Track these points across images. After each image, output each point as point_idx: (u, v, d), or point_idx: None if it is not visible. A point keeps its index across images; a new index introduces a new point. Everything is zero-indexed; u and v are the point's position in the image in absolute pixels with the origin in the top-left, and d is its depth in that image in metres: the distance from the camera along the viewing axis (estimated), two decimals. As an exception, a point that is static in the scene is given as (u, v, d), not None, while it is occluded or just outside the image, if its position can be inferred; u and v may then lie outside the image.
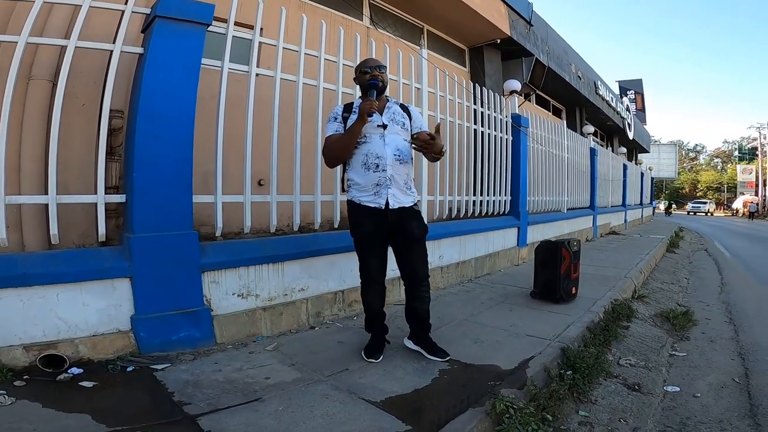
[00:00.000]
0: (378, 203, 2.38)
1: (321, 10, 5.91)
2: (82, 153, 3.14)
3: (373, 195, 2.38)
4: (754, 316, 4.30)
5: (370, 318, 2.60)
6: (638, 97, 26.83)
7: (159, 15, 2.51)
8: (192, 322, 2.59)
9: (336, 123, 2.45)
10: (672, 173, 45.09)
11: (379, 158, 2.36)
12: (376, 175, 2.36)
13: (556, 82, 11.24)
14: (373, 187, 2.37)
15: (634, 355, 3.01)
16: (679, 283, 5.99)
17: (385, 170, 2.36)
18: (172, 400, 1.98)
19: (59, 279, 2.27)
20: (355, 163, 2.41)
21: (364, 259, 2.51)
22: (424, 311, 2.55)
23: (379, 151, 2.37)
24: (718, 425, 2.19)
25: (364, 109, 2.27)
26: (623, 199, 12.99)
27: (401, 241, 2.48)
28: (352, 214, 2.48)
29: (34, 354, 2.17)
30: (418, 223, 2.50)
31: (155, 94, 2.50)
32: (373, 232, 2.42)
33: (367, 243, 2.47)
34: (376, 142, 2.38)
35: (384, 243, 2.49)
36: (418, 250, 2.51)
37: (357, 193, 2.43)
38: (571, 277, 3.86)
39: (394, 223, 2.41)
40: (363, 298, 2.59)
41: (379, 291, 2.56)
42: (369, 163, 2.37)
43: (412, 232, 2.45)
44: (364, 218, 2.41)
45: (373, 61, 2.55)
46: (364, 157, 2.38)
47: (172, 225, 2.55)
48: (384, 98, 2.52)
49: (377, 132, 2.40)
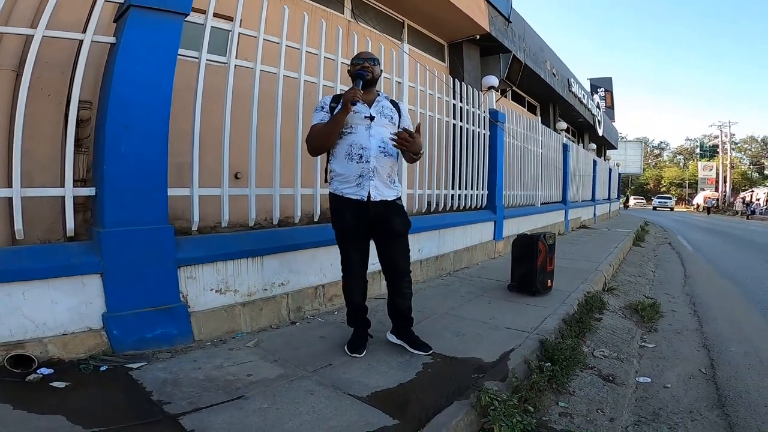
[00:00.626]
0: (360, 195, 2.35)
1: (303, 3, 5.80)
2: (48, 145, 2.99)
3: (356, 186, 2.35)
4: (716, 308, 4.51)
5: (352, 312, 2.59)
6: (608, 95, 27.60)
7: (133, 4, 2.40)
8: (168, 319, 2.52)
9: (322, 112, 2.42)
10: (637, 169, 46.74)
11: (363, 149, 2.33)
12: (359, 167, 2.33)
13: (531, 79, 11.43)
14: (356, 179, 2.34)
15: (607, 347, 3.11)
16: (645, 275, 6.22)
17: (368, 161, 2.33)
18: (151, 399, 1.92)
19: (25, 276, 2.16)
20: (339, 154, 2.38)
21: (345, 252, 2.49)
22: (406, 306, 2.56)
23: (363, 142, 2.34)
24: (689, 415, 2.28)
25: (347, 98, 2.25)
26: (593, 194, 13.40)
27: (383, 235, 2.46)
28: (333, 206, 2.45)
29: (1, 354, 2.07)
30: (401, 218, 2.48)
31: (128, 85, 2.39)
32: (355, 225, 2.40)
33: (348, 236, 2.45)
34: (362, 134, 2.35)
35: (365, 236, 2.47)
36: (400, 245, 2.50)
37: (339, 184, 2.40)
38: (546, 270, 3.95)
39: (376, 217, 2.39)
40: (345, 291, 2.58)
41: (361, 284, 2.55)
42: (353, 154, 2.33)
43: (394, 226, 2.44)
44: (346, 210, 2.39)
45: (367, 54, 2.54)
46: (348, 147, 2.35)
47: (145, 219, 2.46)
48: (374, 92, 2.51)
49: (363, 123, 2.37)
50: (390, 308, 2.60)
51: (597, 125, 19.69)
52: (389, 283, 2.55)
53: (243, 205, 3.05)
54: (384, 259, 2.52)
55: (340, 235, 2.49)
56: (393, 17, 7.71)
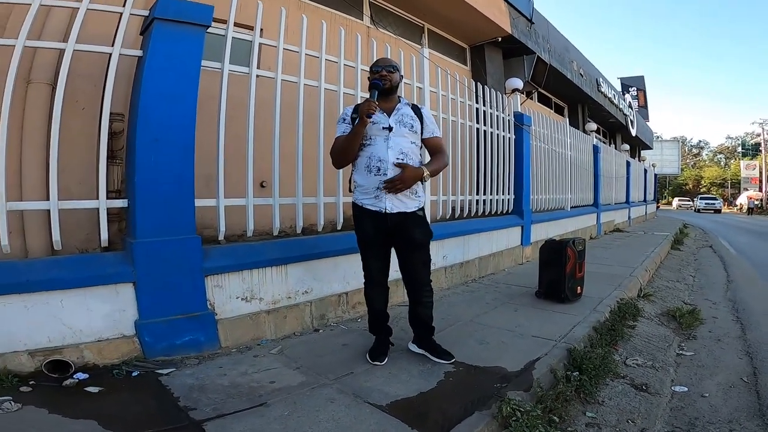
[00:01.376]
0: (378, 207, 2.35)
1: (321, 11, 5.90)
2: (84, 157, 3.14)
3: (374, 198, 2.36)
4: (760, 313, 4.26)
5: (374, 319, 2.59)
6: (640, 94, 26.71)
7: (157, 17, 2.49)
8: (196, 326, 2.58)
9: (344, 124, 2.42)
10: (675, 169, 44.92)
11: (381, 161, 2.31)
12: (377, 179, 2.32)
13: (557, 80, 11.20)
14: (375, 191, 2.34)
15: (641, 355, 2.98)
16: (684, 280, 5.94)
17: (386, 174, 2.30)
18: (178, 405, 1.97)
19: (62, 285, 2.26)
20: (359, 166, 2.39)
21: (366, 260, 2.51)
22: (426, 316, 2.53)
23: (381, 155, 2.32)
24: (727, 425, 2.16)
25: (362, 111, 2.25)
26: (627, 196, 12.93)
27: (402, 246, 2.45)
28: (355, 216, 2.48)
29: (39, 360, 2.17)
30: (421, 229, 2.44)
31: (154, 97, 2.48)
32: (374, 235, 2.41)
33: (368, 245, 2.47)
34: (380, 145, 2.33)
35: (385, 245, 2.47)
36: (419, 256, 2.46)
37: (360, 195, 2.42)
38: (576, 277, 3.83)
39: (395, 228, 2.37)
40: (366, 298, 2.59)
41: (382, 292, 2.55)
42: (371, 166, 2.33)
43: (413, 238, 2.41)
44: (365, 221, 2.40)
45: (385, 61, 2.50)
46: (367, 159, 2.35)
47: (174, 229, 2.54)
48: (395, 99, 2.47)
49: (382, 134, 2.34)
50: (411, 317, 2.59)
51: (629, 125, 19.06)
52: (409, 292, 2.54)
53: (268, 213, 3.11)
54: (404, 269, 2.51)
55: (361, 244, 2.51)
56: (412, 22, 7.73)
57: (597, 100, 14.38)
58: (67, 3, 2.53)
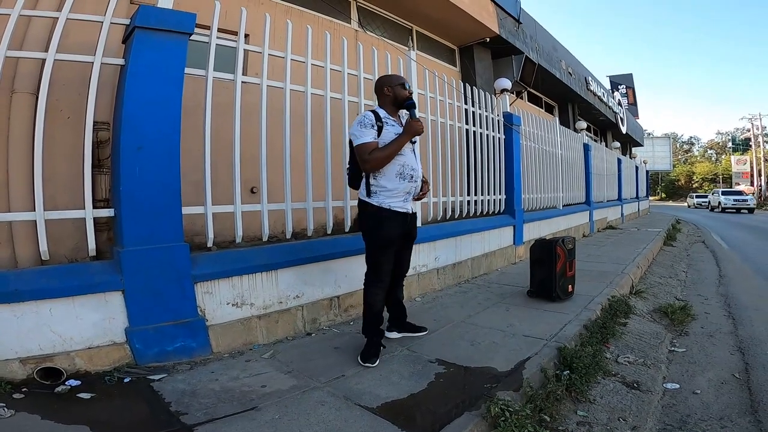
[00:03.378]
0: (406, 209, 2.63)
1: (308, 15, 5.91)
2: (70, 166, 3.11)
3: (403, 201, 2.61)
4: (752, 309, 4.29)
5: (377, 320, 2.64)
6: (629, 92, 26.92)
7: (138, 26, 2.49)
8: (187, 333, 2.58)
9: (373, 130, 2.52)
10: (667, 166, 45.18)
11: (413, 170, 2.62)
12: (409, 185, 2.61)
13: (547, 79, 11.27)
14: (404, 195, 2.61)
15: (633, 353, 3.00)
16: (677, 276, 5.99)
17: (416, 181, 2.63)
18: (169, 410, 1.98)
19: (51, 294, 2.27)
20: (390, 173, 2.56)
21: (384, 262, 2.62)
22: (401, 297, 2.97)
23: (413, 164, 2.62)
24: (719, 422, 2.18)
25: (417, 129, 2.54)
26: (619, 193, 13.02)
27: (405, 243, 2.77)
28: (378, 219, 2.57)
29: (31, 367, 2.18)
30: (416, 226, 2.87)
31: (137, 105, 2.48)
32: (398, 235, 2.63)
33: (390, 246, 2.61)
34: (410, 156, 2.62)
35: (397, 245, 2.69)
36: (411, 250, 2.89)
37: (386, 199, 2.57)
38: (567, 275, 3.85)
39: (410, 226, 2.72)
40: (374, 300, 2.63)
41: (385, 292, 2.71)
42: (405, 174, 2.58)
43: (415, 233, 2.84)
44: (393, 222, 2.58)
45: (402, 77, 2.79)
46: (400, 168, 2.57)
47: (161, 237, 2.54)
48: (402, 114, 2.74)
49: (409, 147, 2.62)
50: (391, 303, 2.88)
51: (620, 123, 19.19)
52: (395, 282, 2.84)
53: (258, 219, 3.11)
54: (400, 262, 2.81)
55: (383, 246, 2.60)
56: (400, 24, 7.75)
57: (586, 98, 14.47)
58: (47, 13, 2.52)
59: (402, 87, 2.64)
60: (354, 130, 2.54)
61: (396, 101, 2.64)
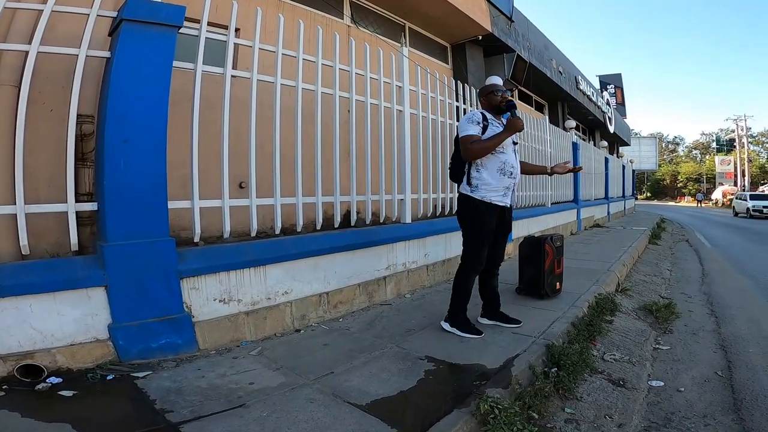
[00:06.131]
0: (505, 202, 2.92)
1: (300, 10, 5.84)
2: (53, 160, 3.04)
3: (502, 196, 2.89)
4: (734, 306, 4.38)
5: (467, 300, 2.97)
6: (618, 92, 27.20)
7: (125, 18, 2.43)
8: (172, 329, 2.54)
9: (478, 126, 2.82)
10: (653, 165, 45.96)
11: (513, 168, 2.89)
12: (509, 181, 2.89)
13: (537, 78, 11.33)
14: (504, 190, 2.88)
15: (619, 350, 3.04)
16: (661, 274, 6.07)
17: (515, 178, 2.92)
18: (154, 407, 1.95)
19: (31, 289, 2.22)
20: (491, 168, 2.84)
21: (482, 247, 2.90)
22: (496, 285, 3.17)
23: (513, 162, 2.90)
24: (702, 420, 2.21)
25: (518, 126, 2.78)
26: (606, 191, 13.17)
27: (502, 233, 3.02)
28: (480, 210, 2.86)
29: (11, 364, 2.13)
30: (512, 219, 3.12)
31: (123, 98, 2.43)
32: (496, 225, 2.91)
33: (488, 234, 2.89)
34: (511, 155, 2.90)
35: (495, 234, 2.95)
36: (506, 241, 3.13)
37: (486, 192, 2.85)
38: (555, 273, 3.88)
39: (506, 218, 2.98)
40: (466, 282, 2.94)
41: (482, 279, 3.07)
42: (505, 170, 2.86)
43: (511, 226, 3.07)
44: (491, 214, 2.86)
45: (500, 84, 3.01)
46: (501, 164, 2.84)
47: (146, 232, 2.49)
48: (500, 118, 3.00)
49: (511, 147, 2.92)
50: (483, 289, 3.14)
51: (608, 122, 19.41)
52: (490, 269, 3.08)
53: (246, 214, 3.07)
54: (496, 251, 3.06)
55: (481, 233, 2.88)
56: (393, 20, 7.71)
57: (576, 97, 14.60)
58: (31, 5, 2.45)
59: (493, 94, 2.91)
60: (462, 123, 2.88)
61: (491, 106, 2.92)
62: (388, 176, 4.04)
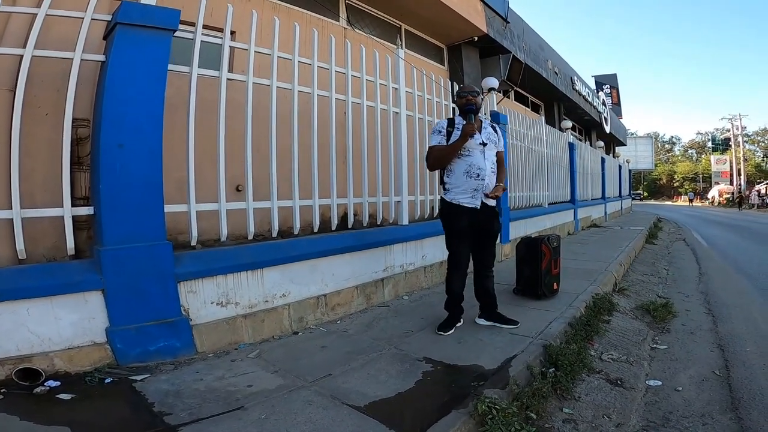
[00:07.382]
0: (474, 204, 2.92)
1: (296, 12, 5.85)
2: (49, 164, 3.03)
3: (471, 197, 2.91)
4: (731, 305, 4.39)
5: (452, 298, 3.07)
6: (614, 92, 27.34)
7: (120, 22, 2.43)
8: (170, 332, 2.54)
9: (440, 136, 2.95)
10: (649, 165, 46.12)
11: (480, 170, 2.89)
12: (476, 182, 2.89)
13: (533, 79, 11.36)
14: (471, 192, 2.90)
15: (616, 350, 3.04)
16: (658, 274, 6.09)
17: (483, 179, 2.89)
18: (152, 410, 1.95)
19: (28, 294, 2.21)
20: (458, 171, 2.90)
21: (456, 248, 3.00)
22: (491, 288, 3.15)
23: (480, 164, 2.89)
24: (700, 419, 2.21)
25: (466, 132, 2.81)
26: (602, 191, 13.21)
27: (482, 235, 3.02)
28: (449, 212, 2.98)
29: (9, 368, 2.13)
30: (497, 222, 3.09)
31: (118, 102, 2.43)
32: (466, 226, 2.93)
33: (461, 235, 2.96)
34: (478, 157, 2.90)
35: (472, 235, 2.98)
36: (492, 243, 3.11)
37: (456, 195, 2.93)
38: (552, 273, 3.89)
39: (481, 220, 2.94)
40: (449, 280, 3.07)
41: (464, 276, 3.04)
42: (471, 173, 2.88)
43: (492, 228, 3.05)
44: (460, 215, 2.92)
45: (469, 87, 3.03)
46: (467, 167, 2.88)
47: (143, 236, 2.49)
48: (479, 119, 3.02)
49: (478, 148, 2.91)
50: (478, 291, 3.15)
51: (604, 122, 19.48)
52: (478, 272, 3.13)
53: (243, 217, 3.07)
54: (479, 253, 3.08)
55: (454, 235, 2.99)
56: (389, 22, 7.73)
57: (572, 98, 14.65)
58: (26, 9, 2.45)
59: (459, 96, 2.94)
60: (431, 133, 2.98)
61: (461, 112, 2.94)
62: (385, 178, 4.05)
